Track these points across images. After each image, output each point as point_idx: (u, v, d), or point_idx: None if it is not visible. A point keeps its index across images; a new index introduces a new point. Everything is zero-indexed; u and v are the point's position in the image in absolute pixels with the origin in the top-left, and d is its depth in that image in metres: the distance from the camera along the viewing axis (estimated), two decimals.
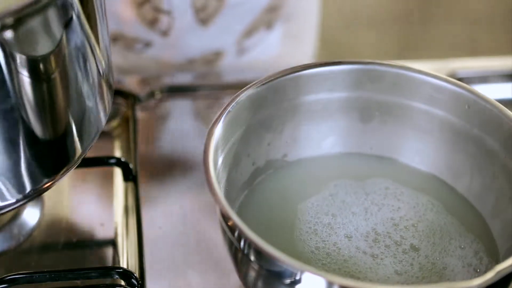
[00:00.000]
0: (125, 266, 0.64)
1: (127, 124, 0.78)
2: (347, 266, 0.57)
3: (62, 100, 0.56)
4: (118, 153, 0.75)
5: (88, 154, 0.62)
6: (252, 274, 0.53)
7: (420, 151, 0.65)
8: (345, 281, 0.49)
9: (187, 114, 0.81)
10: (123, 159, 0.72)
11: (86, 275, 0.62)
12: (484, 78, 0.83)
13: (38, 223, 0.68)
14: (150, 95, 0.81)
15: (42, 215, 0.69)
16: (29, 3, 0.50)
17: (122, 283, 0.62)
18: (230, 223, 0.52)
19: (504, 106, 0.60)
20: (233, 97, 0.59)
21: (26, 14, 0.50)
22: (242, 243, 0.52)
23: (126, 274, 0.62)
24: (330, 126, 0.65)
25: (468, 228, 0.61)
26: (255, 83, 0.61)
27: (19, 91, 0.53)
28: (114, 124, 0.78)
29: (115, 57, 0.65)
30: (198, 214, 0.69)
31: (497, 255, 0.59)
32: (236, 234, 0.52)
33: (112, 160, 0.72)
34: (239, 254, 0.53)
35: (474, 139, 0.61)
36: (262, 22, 0.91)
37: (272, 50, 0.93)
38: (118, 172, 0.72)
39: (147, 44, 0.89)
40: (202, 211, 0.69)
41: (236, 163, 0.60)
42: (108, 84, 0.63)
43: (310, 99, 0.63)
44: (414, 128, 0.64)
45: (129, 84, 0.82)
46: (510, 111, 0.59)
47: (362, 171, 0.64)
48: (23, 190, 0.57)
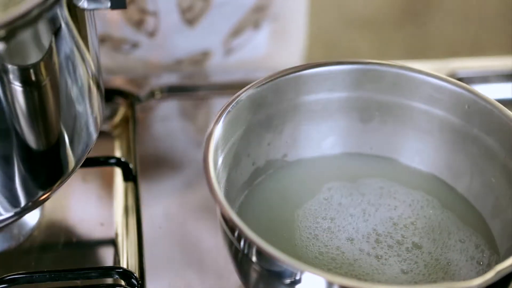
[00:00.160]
0: (125, 266, 0.64)
1: (127, 124, 0.78)
2: (353, 269, 0.56)
3: (54, 111, 0.56)
4: (118, 153, 0.75)
5: (88, 154, 0.62)
6: (252, 274, 0.53)
7: (420, 151, 0.65)
8: (344, 280, 0.49)
9: (187, 114, 0.81)
10: (123, 159, 0.72)
11: (86, 275, 0.62)
12: (484, 78, 0.83)
13: (38, 223, 0.68)
14: (150, 95, 0.81)
15: (42, 215, 0.69)
16: (19, 15, 0.50)
17: (122, 283, 0.62)
18: (230, 223, 0.52)
19: (504, 106, 0.60)
20: (233, 97, 0.59)
21: (16, 26, 0.50)
22: (242, 243, 0.52)
23: (126, 274, 0.62)
24: (330, 126, 0.65)
25: (465, 221, 0.61)
26: (255, 83, 0.61)
27: (11, 102, 0.53)
28: (114, 124, 0.78)
29: (103, 58, 0.65)
30: (198, 214, 0.69)
31: (496, 248, 0.59)
32: (236, 234, 0.52)
33: (112, 160, 0.72)
34: (239, 254, 0.53)
35: (474, 139, 0.61)
36: (249, 22, 0.90)
37: (259, 50, 0.93)
38: (118, 172, 0.72)
39: (134, 45, 0.89)
40: (202, 211, 0.69)
41: (236, 163, 0.60)
42: (100, 93, 0.62)
43: (310, 99, 0.63)
44: (414, 128, 0.64)
45: (117, 83, 0.82)
46: (510, 111, 0.59)
47: (362, 171, 0.64)
48: (18, 204, 0.57)
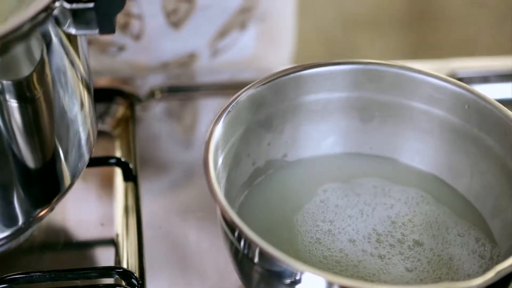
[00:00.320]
0: (125, 266, 0.64)
1: (127, 124, 0.78)
2: (358, 271, 0.56)
3: (47, 127, 0.56)
4: (118, 153, 0.75)
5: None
6: (252, 274, 0.53)
7: (420, 151, 0.65)
8: (344, 280, 0.49)
9: (187, 114, 0.81)
10: (123, 159, 0.72)
11: (86, 275, 0.62)
12: (484, 78, 0.83)
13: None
14: (150, 95, 0.81)
15: None
16: (10, 29, 0.49)
17: (122, 283, 0.62)
18: (230, 223, 0.52)
19: (504, 106, 0.60)
20: (233, 97, 0.59)
21: (8, 40, 0.49)
22: (242, 243, 0.52)
23: (126, 274, 0.62)
24: (330, 126, 0.65)
25: (461, 215, 0.61)
26: (255, 83, 0.61)
27: (7, 119, 0.53)
28: (114, 124, 0.78)
29: (89, 60, 0.65)
30: (198, 214, 0.69)
31: (496, 242, 0.59)
32: (236, 234, 0.52)
33: (112, 160, 0.72)
34: (239, 255, 0.53)
35: (474, 139, 0.61)
36: (235, 24, 0.90)
37: (246, 51, 0.93)
38: (118, 172, 0.72)
39: (121, 48, 0.89)
40: (202, 211, 0.69)
41: (236, 163, 0.60)
42: (93, 108, 0.62)
43: (310, 99, 0.63)
44: (414, 128, 0.64)
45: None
46: (510, 111, 0.59)
47: (362, 171, 0.64)
48: (16, 222, 0.57)
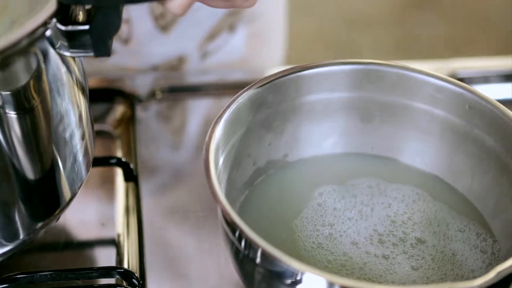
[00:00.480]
0: (126, 266, 0.64)
1: (128, 124, 0.78)
2: (365, 273, 0.56)
3: (46, 141, 0.55)
4: (119, 153, 0.75)
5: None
6: (253, 274, 0.53)
7: (420, 151, 0.65)
8: (345, 281, 0.49)
9: (188, 113, 0.81)
10: (124, 159, 0.72)
11: (87, 275, 0.62)
12: (485, 78, 0.83)
13: None
14: (151, 95, 0.81)
15: None
16: (10, 44, 0.49)
17: (123, 283, 0.62)
18: (231, 224, 0.52)
19: (505, 106, 0.60)
20: (234, 97, 0.59)
21: (7, 55, 0.49)
22: (243, 243, 0.52)
23: (127, 274, 0.62)
24: (331, 126, 0.65)
25: (458, 210, 0.61)
26: (255, 83, 0.61)
27: (7, 132, 0.52)
28: (114, 124, 0.78)
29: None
30: (199, 214, 0.69)
31: (494, 236, 0.60)
32: (237, 234, 0.52)
33: (113, 160, 0.72)
34: (240, 255, 0.53)
35: (474, 139, 0.61)
36: (224, 26, 0.89)
37: (236, 52, 0.92)
38: (119, 172, 0.72)
39: None
40: (202, 211, 0.69)
41: (237, 163, 0.60)
42: (91, 120, 0.62)
43: (311, 99, 0.63)
44: (414, 128, 0.64)
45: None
46: (511, 111, 0.59)
47: (363, 171, 0.64)
48: (16, 237, 0.57)
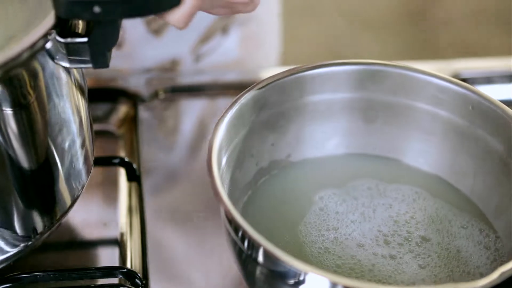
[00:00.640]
0: (129, 266, 0.64)
1: (131, 124, 0.78)
2: (374, 275, 0.56)
3: (47, 149, 0.56)
4: (122, 153, 0.75)
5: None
6: (255, 274, 0.53)
7: (423, 151, 0.65)
8: (347, 281, 0.49)
9: (191, 114, 0.81)
10: (126, 159, 0.72)
11: (89, 275, 0.62)
12: (488, 79, 0.83)
13: None
14: (154, 95, 0.81)
15: None
16: (11, 57, 0.49)
17: (126, 283, 0.62)
18: (233, 224, 0.52)
19: (508, 106, 0.60)
20: (236, 97, 0.59)
21: (8, 68, 0.50)
22: (246, 244, 0.52)
23: (130, 274, 0.62)
24: (334, 126, 0.65)
25: (459, 207, 0.61)
26: (258, 83, 0.61)
27: (6, 132, 0.53)
28: (117, 124, 0.78)
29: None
30: (202, 214, 0.69)
31: (496, 232, 0.60)
32: (240, 234, 0.52)
33: (116, 160, 0.72)
34: (242, 255, 0.53)
35: (477, 140, 0.61)
36: (217, 28, 0.89)
37: (230, 54, 0.92)
38: (122, 172, 0.72)
39: None
40: (205, 211, 0.69)
41: (240, 163, 0.60)
42: (90, 125, 0.62)
43: (314, 100, 0.63)
44: (417, 129, 0.64)
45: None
46: None
47: (366, 172, 0.64)
48: (18, 243, 0.57)
